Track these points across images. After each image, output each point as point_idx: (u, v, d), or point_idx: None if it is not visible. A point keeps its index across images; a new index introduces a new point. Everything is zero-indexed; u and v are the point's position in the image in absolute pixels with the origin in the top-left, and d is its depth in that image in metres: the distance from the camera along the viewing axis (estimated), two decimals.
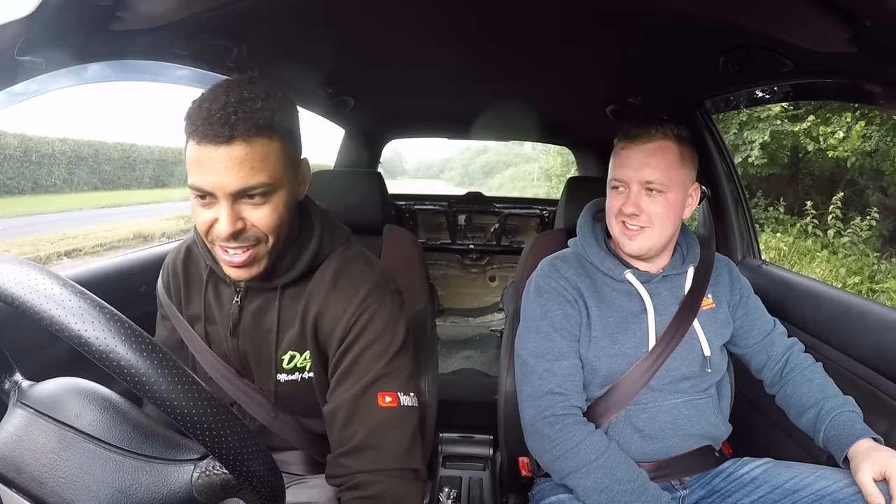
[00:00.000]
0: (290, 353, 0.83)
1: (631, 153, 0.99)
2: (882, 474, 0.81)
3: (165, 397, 0.42)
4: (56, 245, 7.85)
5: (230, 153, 0.67)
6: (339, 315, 0.79)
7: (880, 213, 6.60)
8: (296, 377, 0.84)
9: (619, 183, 1.00)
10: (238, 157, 0.68)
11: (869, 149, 6.62)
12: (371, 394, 0.77)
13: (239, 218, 0.71)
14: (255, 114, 0.68)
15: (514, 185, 24.20)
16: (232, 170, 0.68)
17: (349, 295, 0.80)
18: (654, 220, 0.98)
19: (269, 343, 0.83)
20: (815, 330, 1.22)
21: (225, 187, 0.69)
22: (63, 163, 12.71)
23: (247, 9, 1.00)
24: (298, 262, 0.82)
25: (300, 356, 0.83)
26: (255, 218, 0.72)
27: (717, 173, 1.63)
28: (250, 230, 0.73)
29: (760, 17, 0.90)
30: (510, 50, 1.33)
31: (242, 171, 0.68)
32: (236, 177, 0.68)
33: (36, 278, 0.43)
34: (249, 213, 0.72)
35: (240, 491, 0.49)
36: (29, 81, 0.80)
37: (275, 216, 0.73)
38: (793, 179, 8.40)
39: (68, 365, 0.75)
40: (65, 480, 0.48)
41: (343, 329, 0.79)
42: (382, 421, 0.76)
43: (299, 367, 0.83)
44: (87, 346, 0.41)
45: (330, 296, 0.81)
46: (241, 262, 0.74)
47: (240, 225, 0.71)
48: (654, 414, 0.98)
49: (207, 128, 0.67)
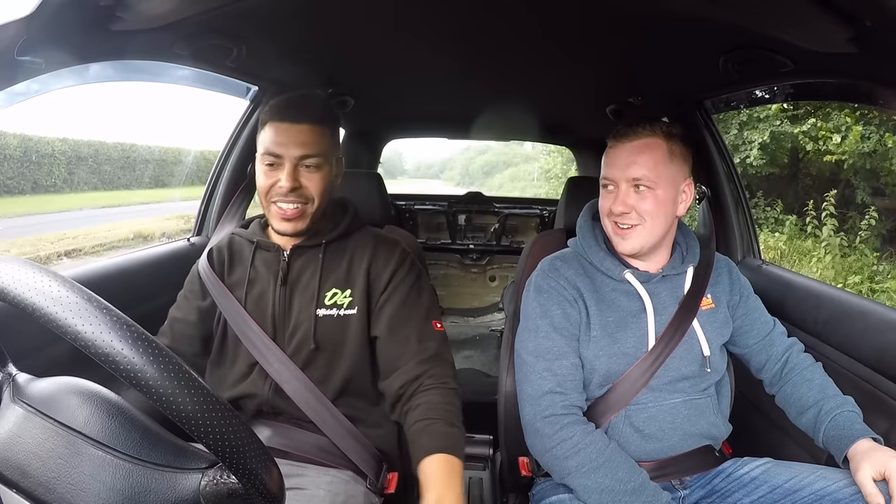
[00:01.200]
0: (333, 290, 1.01)
1: (618, 151, 1.00)
2: (882, 474, 0.81)
3: (175, 404, 0.42)
4: (56, 245, 7.84)
5: (299, 129, 0.95)
6: (388, 260, 1.03)
7: (879, 213, 6.61)
8: (333, 313, 1.00)
9: (608, 182, 1.01)
10: (304, 134, 0.95)
11: (867, 150, 6.62)
12: (431, 319, 1.01)
13: (296, 179, 0.95)
14: (318, 111, 0.99)
15: (514, 185, 24.21)
16: (299, 142, 0.95)
17: (392, 248, 1.05)
18: (644, 217, 0.98)
19: (314, 283, 1.01)
20: (815, 330, 1.22)
21: (292, 152, 0.95)
22: (63, 163, 12.71)
23: (247, 9, 1.00)
24: (341, 223, 1.05)
25: (342, 294, 1.01)
26: (308, 181, 0.96)
27: (717, 173, 1.63)
28: (303, 189, 0.96)
29: (760, 17, 0.90)
30: (510, 50, 1.33)
31: (306, 144, 0.95)
32: (301, 147, 0.95)
33: (51, 286, 0.43)
34: (304, 177, 0.96)
35: (247, 499, 0.49)
36: (30, 81, 0.80)
37: (322, 183, 0.98)
38: (793, 179, 8.40)
39: (69, 364, 0.75)
40: (74, 487, 0.47)
41: (393, 268, 1.02)
42: (442, 339, 1.01)
43: (339, 303, 1.00)
44: (93, 348, 0.41)
45: (377, 247, 1.04)
46: (292, 214, 0.96)
47: (296, 184, 0.95)
48: (653, 413, 0.98)
49: (286, 111, 0.97)
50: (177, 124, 25.57)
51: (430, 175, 42.32)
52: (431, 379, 0.94)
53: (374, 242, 1.05)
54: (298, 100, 1.00)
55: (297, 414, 0.99)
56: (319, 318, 0.99)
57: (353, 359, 1.00)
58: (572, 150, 3.38)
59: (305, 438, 0.99)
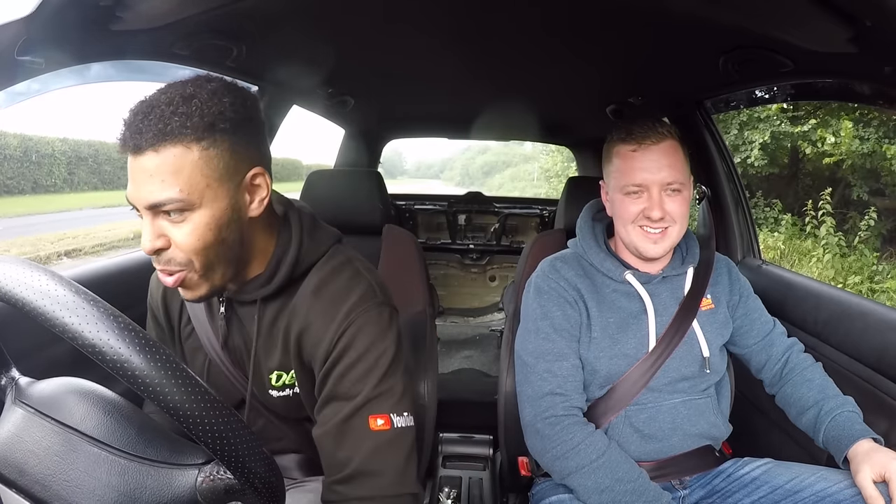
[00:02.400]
0: (277, 372, 0.79)
1: (646, 155, 0.96)
2: (882, 476, 0.81)
3: (172, 401, 0.42)
4: (56, 245, 7.85)
5: (142, 163, 0.62)
6: (322, 332, 0.73)
7: (879, 213, 6.60)
8: (287, 393, 0.80)
9: (638, 188, 0.97)
10: (149, 168, 0.62)
11: (866, 150, 6.62)
12: (361, 417, 0.71)
13: (161, 235, 0.65)
14: (165, 120, 0.62)
15: (514, 185, 24.22)
16: (143, 182, 0.63)
17: (332, 310, 0.74)
18: (676, 219, 0.97)
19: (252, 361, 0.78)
20: (815, 330, 1.22)
21: (138, 201, 0.64)
22: (63, 163, 12.71)
23: (247, 9, 1.00)
24: (276, 275, 0.75)
25: (287, 375, 0.79)
26: (176, 237, 0.66)
27: (717, 173, 1.63)
28: (173, 251, 0.66)
29: (760, 17, 0.90)
30: (510, 50, 1.33)
31: (151, 184, 0.62)
32: (146, 190, 0.63)
33: (48, 284, 0.43)
34: (171, 231, 0.66)
35: (243, 495, 0.49)
36: (31, 81, 0.80)
37: (194, 237, 0.65)
38: (793, 179, 8.40)
39: (69, 365, 0.75)
40: (69, 484, 0.48)
41: (326, 347, 0.73)
42: (376, 446, 0.70)
43: (288, 384, 0.80)
44: (97, 350, 0.41)
45: (311, 311, 0.75)
46: (171, 283, 0.68)
47: (160, 243, 0.65)
48: (653, 414, 0.98)
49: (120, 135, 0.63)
50: None
51: (430, 175, 42.33)
52: None
53: (312, 299, 0.75)
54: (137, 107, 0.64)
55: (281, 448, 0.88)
56: (273, 398, 0.81)
57: None
58: (572, 150, 3.38)
59: (300, 461, 0.90)
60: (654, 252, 0.99)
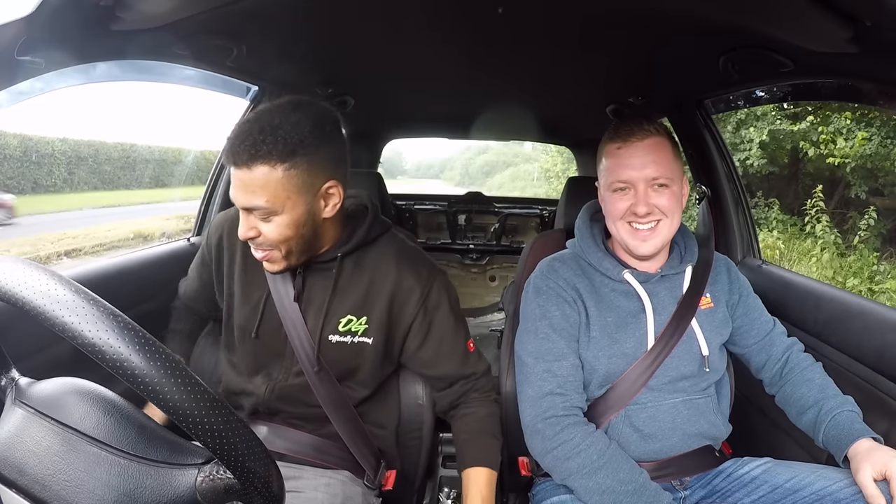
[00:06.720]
0: (349, 316, 0.95)
1: (630, 152, 0.97)
2: (882, 474, 0.81)
3: (171, 401, 0.42)
4: (56, 245, 7.84)
5: (240, 175, 0.82)
6: (414, 287, 0.96)
7: (878, 213, 6.60)
8: (346, 340, 0.95)
9: (624, 184, 0.98)
10: (245, 179, 0.82)
11: (869, 152, 6.61)
12: (466, 341, 1.02)
13: (252, 227, 0.85)
14: (257, 146, 0.80)
15: (514, 185, 24.19)
16: (240, 189, 0.83)
17: (418, 270, 0.97)
18: (665, 214, 0.97)
19: (325, 307, 0.94)
20: (815, 330, 1.22)
21: (237, 202, 0.84)
22: (63, 163, 12.70)
23: (247, 9, 1.00)
24: (354, 235, 0.95)
25: (357, 320, 0.95)
26: (263, 230, 0.85)
27: (717, 173, 1.63)
28: (261, 238, 0.86)
29: (760, 17, 0.90)
30: (510, 50, 1.33)
31: (246, 192, 0.82)
32: (242, 196, 0.83)
33: (48, 283, 0.43)
34: (260, 226, 0.85)
35: (243, 495, 0.49)
36: (33, 80, 0.80)
37: (277, 233, 0.85)
38: (793, 179, 8.40)
39: (69, 365, 0.75)
40: (69, 484, 0.48)
41: (419, 303, 0.96)
42: (477, 356, 1.05)
43: (353, 330, 0.95)
44: (97, 349, 0.41)
45: (402, 272, 0.96)
46: (260, 258, 0.89)
47: (252, 233, 0.85)
48: (653, 413, 0.98)
49: (228, 152, 0.82)
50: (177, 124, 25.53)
51: (430, 175, 42.27)
52: (477, 392, 1.03)
53: (397, 263, 0.97)
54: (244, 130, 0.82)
55: (294, 414, 0.98)
56: (330, 344, 0.95)
57: (362, 380, 0.99)
58: (572, 150, 3.38)
59: (301, 439, 0.98)
60: (644, 250, 0.98)
